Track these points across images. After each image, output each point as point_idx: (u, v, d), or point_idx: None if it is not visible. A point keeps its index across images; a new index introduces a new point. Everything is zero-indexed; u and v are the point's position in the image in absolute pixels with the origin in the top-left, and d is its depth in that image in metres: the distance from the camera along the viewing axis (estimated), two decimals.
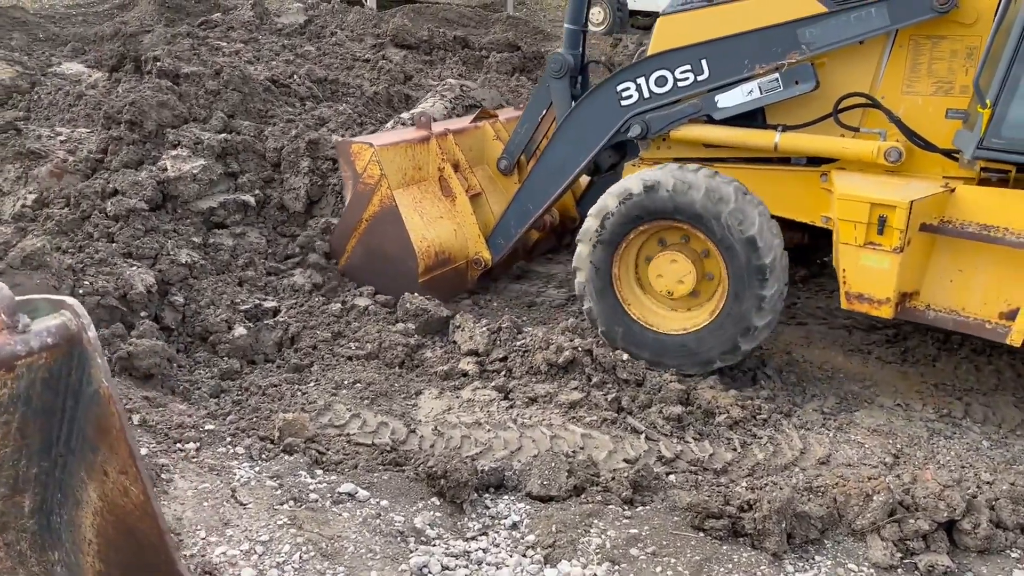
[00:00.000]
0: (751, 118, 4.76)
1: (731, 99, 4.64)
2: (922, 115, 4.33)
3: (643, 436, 3.98)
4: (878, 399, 4.46)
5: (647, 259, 4.61)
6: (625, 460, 3.79)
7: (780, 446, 4.00)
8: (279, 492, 3.12)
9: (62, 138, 6.12)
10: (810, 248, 5.76)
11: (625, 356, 4.46)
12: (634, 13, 17.00)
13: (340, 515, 3.05)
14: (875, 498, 3.28)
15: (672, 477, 3.69)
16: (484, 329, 4.88)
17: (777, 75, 4.50)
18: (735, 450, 3.95)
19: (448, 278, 5.50)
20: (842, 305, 4.18)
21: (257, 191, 5.76)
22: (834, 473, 3.78)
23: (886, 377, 4.68)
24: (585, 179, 5.85)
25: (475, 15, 14.90)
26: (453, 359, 4.72)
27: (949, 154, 4.29)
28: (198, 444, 3.42)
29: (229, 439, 3.54)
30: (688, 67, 4.71)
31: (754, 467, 3.82)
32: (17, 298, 1.75)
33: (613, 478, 3.50)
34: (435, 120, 6.44)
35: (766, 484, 3.59)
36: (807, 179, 4.60)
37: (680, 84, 4.76)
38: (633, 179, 4.49)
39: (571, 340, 4.56)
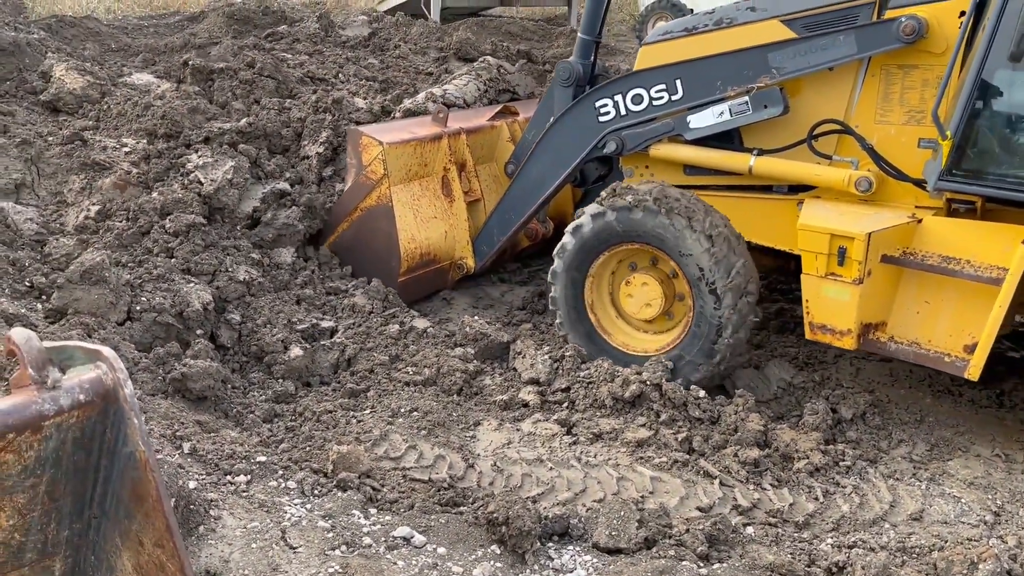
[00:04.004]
0: (729, 141, 4.80)
1: (703, 120, 4.71)
2: (895, 144, 4.31)
3: (717, 481, 3.71)
4: (974, 447, 4.11)
5: (624, 282, 4.65)
6: (698, 508, 3.52)
7: (867, 497, 3.69)
8: (331, 535, 2.93)
9: (127, 149, 6.10)
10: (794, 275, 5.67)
11: (701, 393, 4.20)
12: None
13: (395, 564, 2.85)
14: (981, 567, 2.96)
15: (750, 529, 3.41)
16: (546, 357, 4.66)
17: (747, 98, 4.56)
18: (817, 500, 3.66)
19: (429, 278, 5.58)
20: (806, 336, 4.19)
21: (288, 173, 5.67)
22: (929, 532, 3.46)
23: (982, 423, 4.32)
24: None
25: (538, 29, 14.73)
26: (513, 388, 4.51)
27: (920, 184, 4.19)
28: (249, 477, 3.27)
29: (281, 472, 3.38)
30: (663, 86, 4.80)
31: (839, 521, 3.52)
32: (51, 344, 1.60)
33: (687, 530, 3.24)
34: (466, 105, 6.44)
35: (855, 543, 3.29)
36: (785, 207, 4.61)
37: (655, 103, 4.85)
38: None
39: (638, 373, 4.30)
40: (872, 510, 3.59)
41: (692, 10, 16.30)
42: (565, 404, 4.34)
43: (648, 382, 4.22)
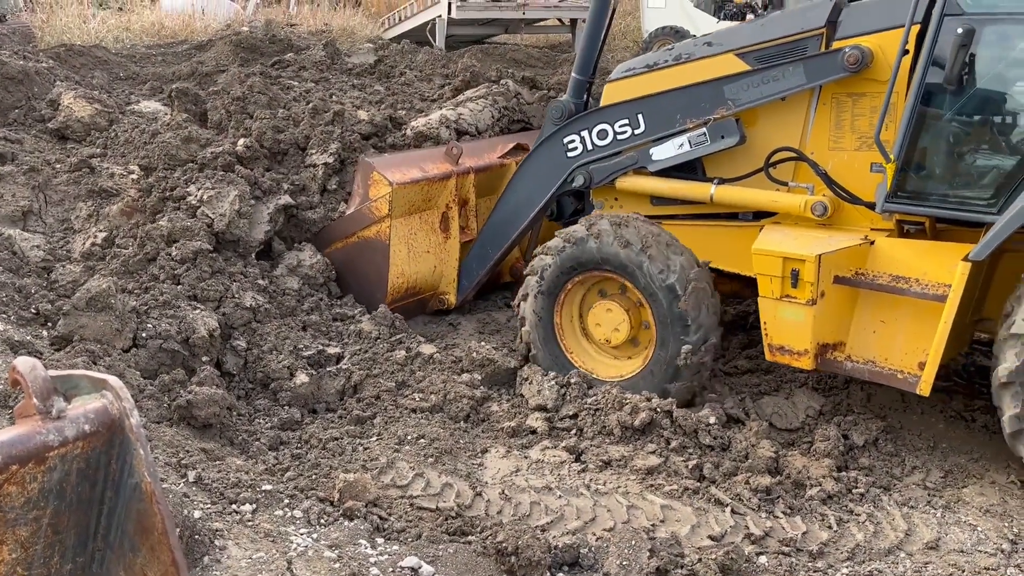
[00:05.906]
0: (692, 172, 4.95)
1: (664, 152, 4.88)
2: (848, 170, 4.44)
3: (728, 509, 3.66)
4: (988, 474, 4.05)
5: (589, 307, 4.73)
6: (710, 537, 3.47)
7: (881, 526, 3.63)
8: (337, 566, 2.89)
9: (134, 176, 6.12)
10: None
11: (712, 419, 4.16)
12: None
13: None
14: None
15: (763, 559, 3.36)
16: (553, 383, 4.62)
17: (705, 129, 4.72)
18: (830, 528, 3.60)
19: (410, 307, 5.71)
20: (767, 357, 4.28)
21: (286, 185, 5.66)
22: (946, 561, 3.41)
23: (996, 449, 4.25)
24: None
25: (542, 56, 14.81)
26: (520, 414, 4.47)
27: (874, 207, 4.29)
28: (254, 506, 3.23)
29: (287, 500, 3.34)
30: (626, 121, 4.99)
31: (854, 550, 3.46)
32: (57, 373, 1.57)
33: (699, 559, 3.18)
34: (478, 133, 6.46)
35: (870, 573, 3.24)
36: (750, 234, 4.70)
37: (619, 137, 5.02)
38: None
39: (648, 400, 4.26)
40: (887, 539, 3.53)
41: (695, 35, 16.39)
42: (573, 431, 4.30)
43: (658, 409, 4.18)
